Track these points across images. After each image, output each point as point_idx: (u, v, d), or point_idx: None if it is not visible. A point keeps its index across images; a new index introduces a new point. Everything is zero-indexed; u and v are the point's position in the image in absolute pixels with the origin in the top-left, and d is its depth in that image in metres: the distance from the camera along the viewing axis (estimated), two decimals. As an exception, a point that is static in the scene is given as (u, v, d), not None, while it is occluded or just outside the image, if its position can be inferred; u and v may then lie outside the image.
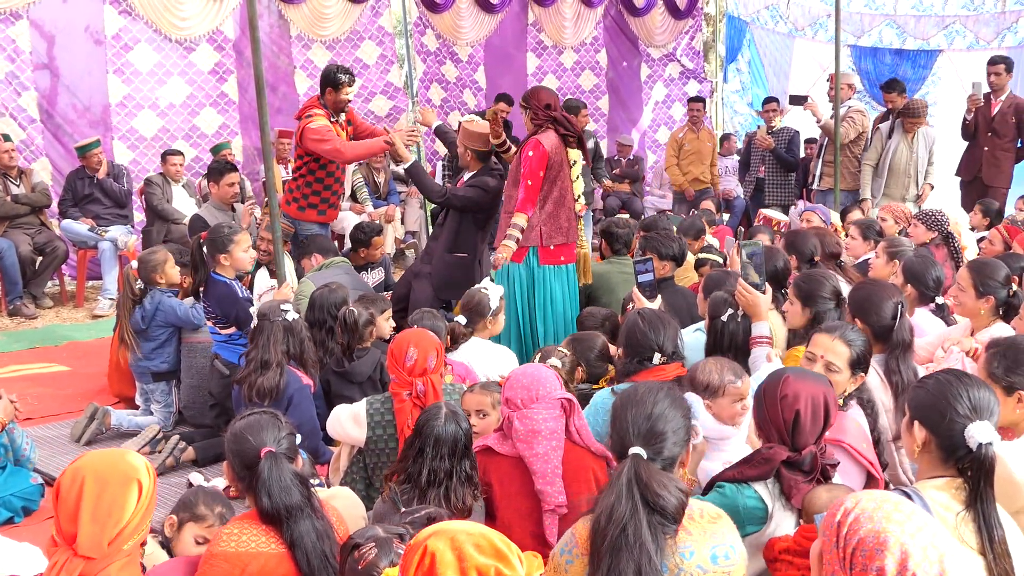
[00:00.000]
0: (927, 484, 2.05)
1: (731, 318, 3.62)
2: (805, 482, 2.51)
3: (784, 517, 2.54)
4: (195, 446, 4.59)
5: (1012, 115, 7.88)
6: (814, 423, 2.54)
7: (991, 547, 1.93)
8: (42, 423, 5.11)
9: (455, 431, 2.86)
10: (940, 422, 2.09)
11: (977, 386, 2.13)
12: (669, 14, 11.79)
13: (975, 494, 1.99)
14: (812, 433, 2.54)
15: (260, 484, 2.37)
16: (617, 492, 2.02)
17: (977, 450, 2.01)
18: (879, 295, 3.40)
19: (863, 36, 11.87)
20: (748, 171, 9.25)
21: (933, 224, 5.59)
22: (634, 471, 2.05)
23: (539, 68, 11.20)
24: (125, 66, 8.27)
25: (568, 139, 5.17)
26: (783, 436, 2.54)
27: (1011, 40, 10.87)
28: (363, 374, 4.39)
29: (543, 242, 5.16)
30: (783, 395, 2.55)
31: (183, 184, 7.99)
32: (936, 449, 2.09)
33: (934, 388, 2.15)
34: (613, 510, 2.00)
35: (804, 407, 2.52)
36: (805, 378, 2.62)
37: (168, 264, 5.01)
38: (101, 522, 2.12)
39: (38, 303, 7.49)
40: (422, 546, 1.68)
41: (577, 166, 5.22)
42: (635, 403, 2.21)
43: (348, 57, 9.60)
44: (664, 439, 2.15)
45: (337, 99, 5.99)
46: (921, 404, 2.15)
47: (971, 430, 2.04)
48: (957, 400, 2.08)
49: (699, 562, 2.05)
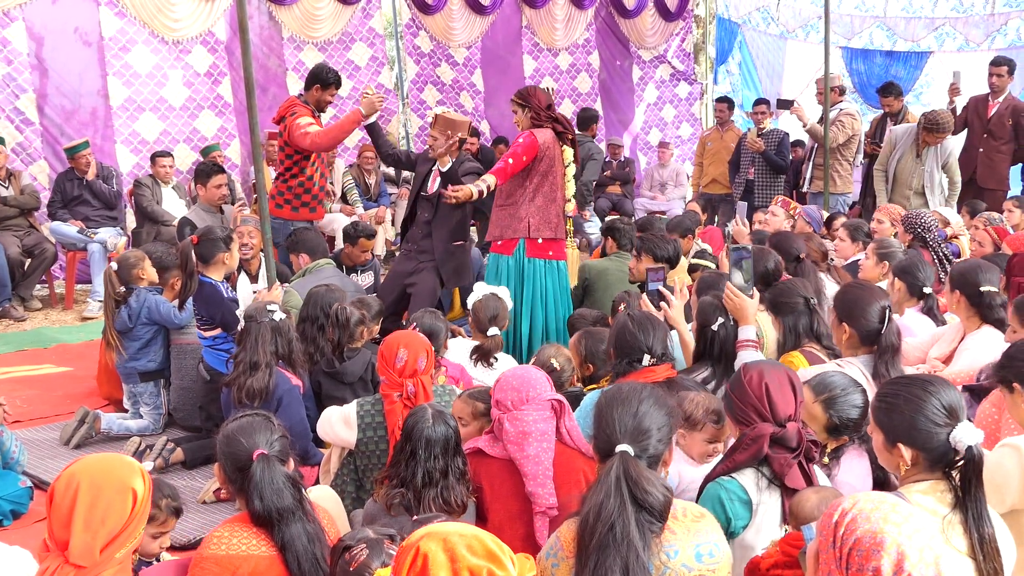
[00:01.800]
0: (911, 488, 2.05)
1: (721, 326, 3.60)
2: (793, 458, 2.51)
3: (769, 506, 2.55)
4: (184, 448, 4.57)
5: (1009, 117, 7.89)
6: (783, 393, 2.57)
7: (981, 546, 1.93)
8: (31, 425, 5.08)
9: (445, 431, 2.86)
10: (924, 438, 2.06)
11: (941, 388, 2.11)
12: (659, 16, 11.83)
13: (967, 494, 1.99)
14: (787, 403, 2.56)
15: (252, 487, 2.36)
16: (606, 489, 2.03)
17: (967, 452, 2.01)
18: (866, 298, 3.40)
19: (854, 38, 11.92)
20: (738, 172, 9.27)
21: (909, 227, 5.62)
22: (623, 468, 2.06)
23: (536, 71, 11.23)
24: (125, 68, 8.25)
25: (564, 136, 5.24)
26: (762, 412, 2.56)
27: (1001, 42, 10.93)
28: (354, 374, 4.37)
29: (531, 233, 5.19)
30: (748, 377, 2.60)
31: (173, 186, 7.97)
32: (924, 461, 2.08)
33: (905, 406, 2.10)
34: (602, 507, 2.01)
35: (771, 380, 2.57)
36: (763, 362, 2.71)
37: (146, 263, 5.04)
38: (94, 530, 2.10)
39: (27, 305, 7.46)
40: (414, 547, 1.68)
41: (572, 167, 5.27)
42: (620, 402, 2.22)
43: (340, 59, 9.60)
44: (649, 436, 2.18)
45: (322, 97, 6.19)
46: (898, 426, 2.11)
47: (956, 435, 2.02)
48: (932, 412, 2.06)
49: (684, 560, 2.07)
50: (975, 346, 3.71)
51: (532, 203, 5.19)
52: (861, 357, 3.36)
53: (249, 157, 8.90)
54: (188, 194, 8.12)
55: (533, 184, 5.17)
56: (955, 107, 8.24)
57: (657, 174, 11.09)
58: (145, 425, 4.97)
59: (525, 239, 5.21)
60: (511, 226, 5.23)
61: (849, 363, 3.34)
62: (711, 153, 9.86)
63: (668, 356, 3.35)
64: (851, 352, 3.42)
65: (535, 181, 5.17)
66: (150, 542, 2.86)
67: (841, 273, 5.36)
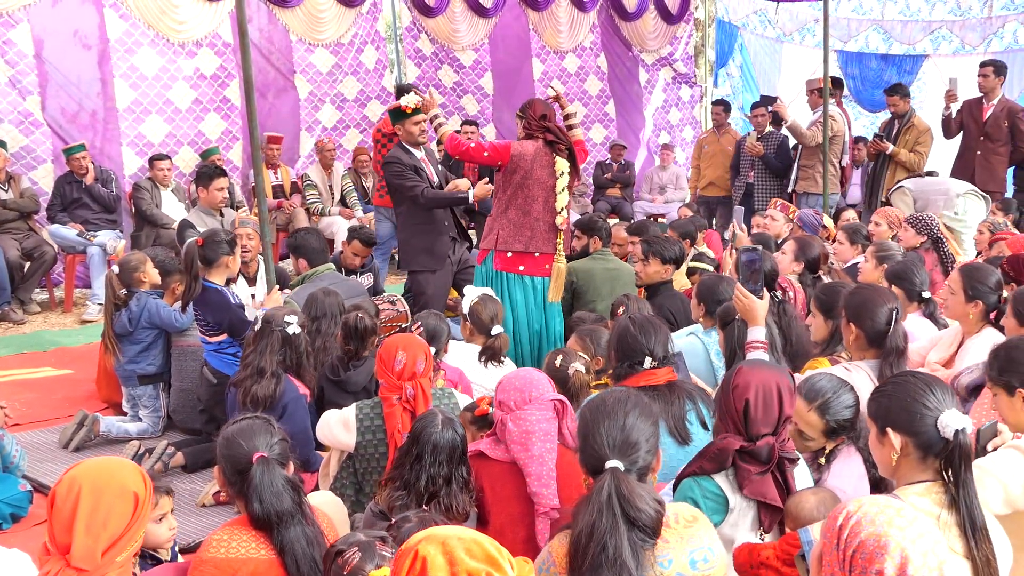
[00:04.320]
0: (907, 491, 2.04)
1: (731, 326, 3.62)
2: (758, 473, 2.52)
3: (745, 508, 2.55)
4: (184, 452, 4.56)
5: (1004, 118, 7.92)
6: (766, 411, 2.55)
7: (974, 535, 1.92)
8: (30, 429, 5.08)
9: (452, 437, 2.86)
10: (912, 421, 2.05)
11: (932, 379, 2.13)
12: (661, 18, 11.83)
13: (956, 482, 1.98)
14: (765, 422, 2.55)
15: (252, 489, 2.35)
16: (598, 508, 2.01)
17: (954, 437, 2.00)
18: (875, 300, 3.39)
19: (850, 41, 11.95)
20: (738, 176, 9.27)
21: (922, 228, 5.62)
22: (615, 486, 2.04)
23: (544, 74, 11.23)
24: (131, 70, 8.25)
25: (558, 148, 5.10)
26: (737, 426, 2.57)
27: (997, 45, 10.95)
28: (358, 384, 4.31)
29: (498, 245, 5.16)
30: (734, 385, 2.59)
31: (172, 189, 7.97)
32: (914, 450, 2.07)
33: (896, 392, 2.12)
34: (594, 527, 1.99)
35: (753, 396, 2.55)
36: (759, 368, 2.67)
37: (147, 265, 5.03)
38: (96, 534, 2.10)
39: (26, 308, 7.45)
40: (413, 550, 1.68)
41: (564, 177, 5.09)
42: (606, 415, 2.19)
43: (352, 61, 9.67)
44: (638, 449, 2.15)
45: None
46: (888, 411, 2.12)
47: (943, 420, 2.02)
48: (923, 395, 2.06)
49: (678, 569, 2.06)
50: (976, 349, 3.69)
51: (504, 215, 5.14)
52: (869, 361, 3.36)
53: (249, 160, 8.92)
54: (187, 196, 8.12)
55: (506, 196, 5.12)
56: (951, 113, 8.27)
57: (657, 177, 11.07)
58: (144, 428, 4.97)
59: (494, 251, 5.18)
60: (486, 236, 5.25)
61: (857, 367, 3.34)
62: (708, 156, 9.84)
63: (669, 359, 3.35)
64: (859, 354, 3.42)
65: (508, 193, 5.11)
66: (155, 529, 2.78)
67: (842, 276, 5.37)
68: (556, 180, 5.09)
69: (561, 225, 5.12)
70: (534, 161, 5.06)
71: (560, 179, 5.08)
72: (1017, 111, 8.01)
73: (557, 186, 5.09)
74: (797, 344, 3.78)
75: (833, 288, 3.83)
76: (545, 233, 5.15)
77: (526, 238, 5.13)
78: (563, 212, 5.11)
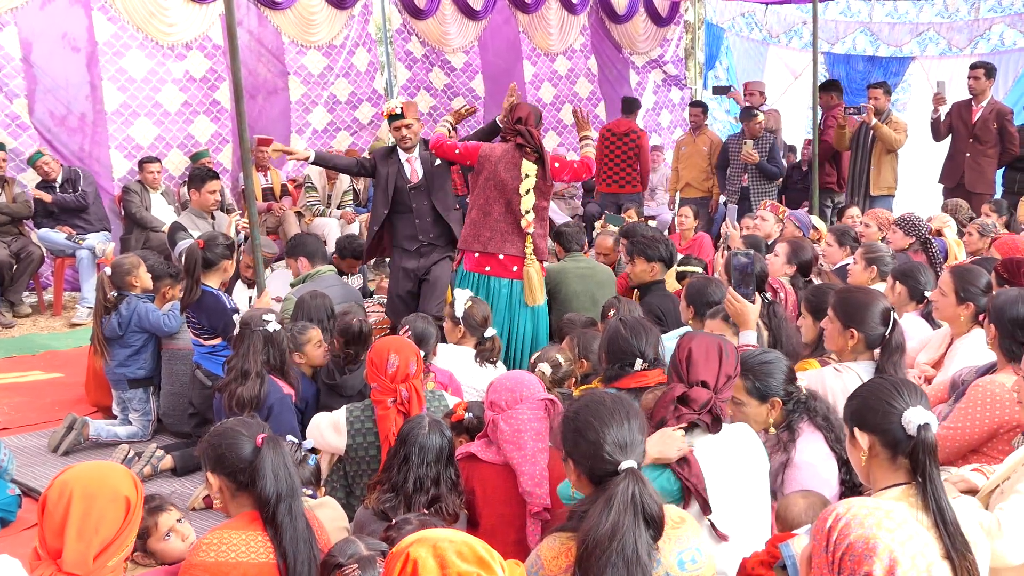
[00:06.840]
0: (883, 496, 2.06)
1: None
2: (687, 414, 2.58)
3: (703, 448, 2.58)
4: (174, 455, 4.55)
5: (994, 120, 7.94)
6: (707, 359, 2.65)
7: (946, 529, 1.94)
8: (19, 432, 5.06)
9: (439, 440, 2.87)
10: (877, 418, 2.11)
11: (904, 383, 2.18)
12: (651, 21, 11.85)
13: (924, 477, 2.01)
14: (706, 368, 2.63)
15: (265, 468, 2.34)
16: (622, 507, 1.99)
17: (917, 433, 2.04)
18: (869, 302, 3.33)
19: (837, 43, 11.99)
20: (726, 176, 9.26)
21: (911, 230, 5.64)
22: (637, 486, 2.02)
23: (535, 76, 11.24)
24: (120, 73, 8.21)
25: (526, 150, 5.06)
26: (680, 373, 2.67)
27: (984, 47, 11.00)
28: (354, 388, 4.32)
29: (462, 245, 5.24)
30: (680, 345, 2.72)
31: (162, 192, 7.94)
32: (882, 450, 2.10)
33: (865, 393, 2.20)
34: (616, 527, 1.97)
35: (696, 346, 2.68)
36: (703, 333, 2.93)
37: (141, 269, 5.00)
38: (87, 539, 2.10)
39: (15, 311, 7.42)
40: (404, 553, 1.68)
41: (529, 179, 5.04)
42: (602, 418, 2.15)
43: (344, 63, 9.65)
44: (642, 445, 2.16)
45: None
46: (856, 411, 2.19)
47: (907, 416, 2.07)
48: (889, 395, 2.12)
49: (667, 569, 2.06)
50: (965, 350, 3.70)
51: (469, 215, 5.20)
52: (861, 363, 3.30)
53: (239, 163, 8.89)
54: (177, 199, 8.09)
55: (472, 196, 5.17)
56: (939, 116, 8.29)
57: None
58: (134, 431, 4.95)
59: (464, 251, 5.23)
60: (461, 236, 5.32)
61: (848, 368, 3.28)
62: (685, 157, 9.81)
63: (660, 361, 3.36)
64: (852, 358, 3.35)
65: (475, 193, 5.16)
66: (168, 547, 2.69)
67: (831, 278, 5.40)
68: (520, 182, 5.05)
69: (526, 228, 5.08)
70: (499, 162, 5.08)
71: (525, 181, 5.04)
72: (1006, 113, 8.03)
73: (521, 188, 5.05)
74: (787, 345, 3.79)
75: (822, 290, 3.84)
76: (507, 235, 5.12)
77: (485, 239, 5.14)
78: (528, 215, 5.07)
